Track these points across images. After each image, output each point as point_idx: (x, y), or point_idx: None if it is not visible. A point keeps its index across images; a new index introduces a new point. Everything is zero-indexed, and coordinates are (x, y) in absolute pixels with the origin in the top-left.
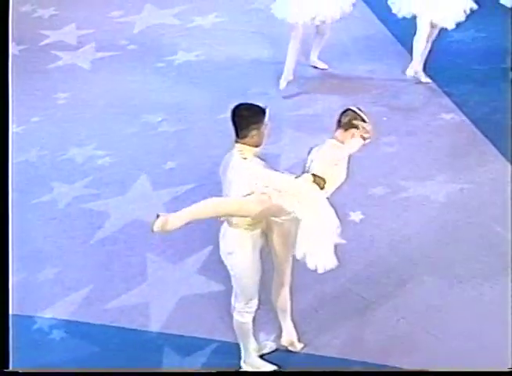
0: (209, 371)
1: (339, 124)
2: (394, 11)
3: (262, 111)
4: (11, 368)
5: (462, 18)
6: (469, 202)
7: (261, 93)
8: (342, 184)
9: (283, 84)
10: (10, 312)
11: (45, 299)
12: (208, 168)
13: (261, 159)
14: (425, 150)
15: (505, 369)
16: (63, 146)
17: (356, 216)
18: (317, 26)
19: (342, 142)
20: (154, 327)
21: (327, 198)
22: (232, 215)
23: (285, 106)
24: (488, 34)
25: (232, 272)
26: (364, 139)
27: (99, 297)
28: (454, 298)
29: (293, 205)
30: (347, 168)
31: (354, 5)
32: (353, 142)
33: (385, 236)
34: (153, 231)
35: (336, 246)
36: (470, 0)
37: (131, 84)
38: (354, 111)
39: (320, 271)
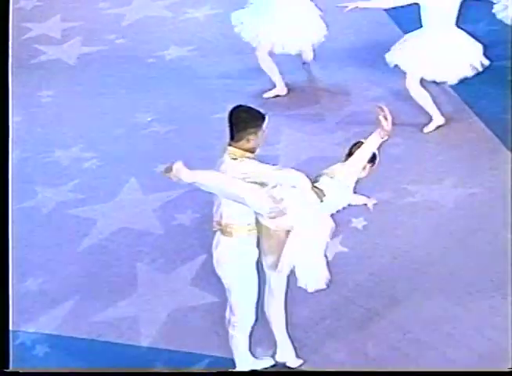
0: (209, 371)
1: None
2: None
3: (262, 116)
4: (11, 368)
5: (468, 73)
6: (479, 207)
7: (260, 92)
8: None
9: (267, 94)
10: (10, 311)
11: (28, 312)
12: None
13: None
14: (433, 151)
15: (505, 369)
16: (47, 148)
17: (359, 223)
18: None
19: None
20: (144, 341)
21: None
22: (235, 200)
23: (284, 104)
24: (500, 27)
25: (225, 284)
26: (381, 137)
27: (86, 309)
28: (463, 310)
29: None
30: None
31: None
32: (372, 138)
33: (390, 245)
34: (165, 172)
35: (337, 254)
36: (479, 54)
37: (119, 81)
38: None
39: (310, 290)
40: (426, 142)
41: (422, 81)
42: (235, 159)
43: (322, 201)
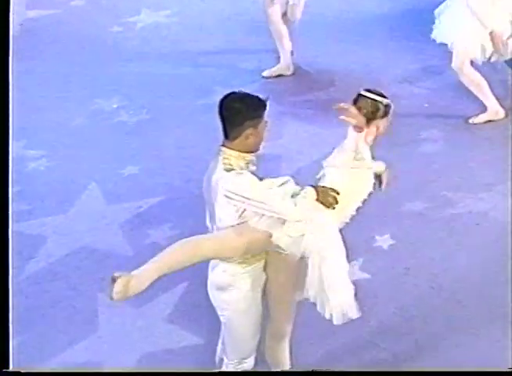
0: (209, 371)
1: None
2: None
3: (261, 104)
4: (11, 368)
5: None
6: None
7: (255, 70)
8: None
9: (266, 73)
10: (10, 311)
11: None
12: (182, 173)
13: (253, 165)
14: (480, 150)
15: (505, 369)
16: None
17: (384, 241)
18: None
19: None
20: None
21: (349, 219)
22: (213, 258)
23: (288, 87)
24: None
25: (222, 317)
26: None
27: (33, 354)
28: None
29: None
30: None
31: None
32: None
33: (424, 269)
34: (112, 299)
35: (356, 282)
36: None
37: (75, 56)
38: (374, 99)
39: (337, 322)
40: (472, 138)
41: (473, 63)
42: (229, 170)
43: (333, 208)
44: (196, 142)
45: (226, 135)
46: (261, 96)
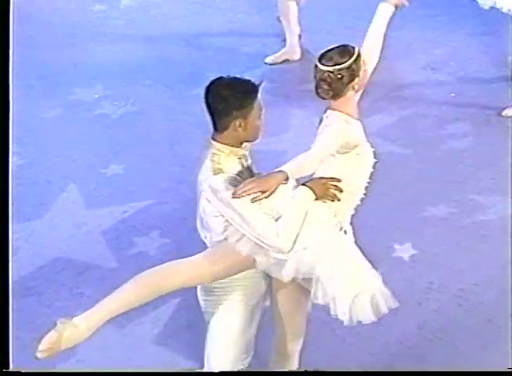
0: (209, 371)
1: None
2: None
3: (251, 90)
4: (12, 368)
5: None
6: None
7: (258, 55)
8: (382, 201)
9: (270, 59)
10: (10, 311)
11: None
12: (173, 174)
13: (246, 160)
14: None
15: (505, 369)
16: None
17: (404, 251)
18: None
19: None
20: None
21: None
22: (186, 287)
23: (295, 75)
24: None
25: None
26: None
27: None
28: None
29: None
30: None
31: None
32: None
33: (450, 283)
34: (37, 358)
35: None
36: None
37: (51, 39)
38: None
39: (348, 322)
40: (505, 133)
41: None
42: (217, 173)
43: (338, 199)
44: (190, 137)
45: (215, 127)
46: (253, 81)
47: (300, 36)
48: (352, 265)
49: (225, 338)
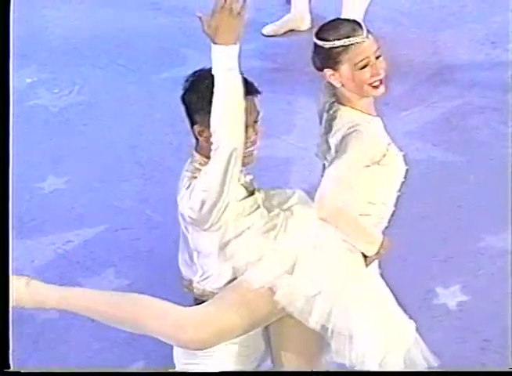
0: (208, 371)
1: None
2: None
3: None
4: (12, 368)
5: None
6: None
7: (252, 24)
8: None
9: (268, 29)
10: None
11: None
12: (136, 188)
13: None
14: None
15: (505, 369)
16: None
17: (450, 297)
18: None
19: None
20: None
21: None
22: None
23: (302, 60)
24: None
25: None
26: None
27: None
28: None
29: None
30: None
31: None
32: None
33: None
34: None
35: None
36: None
37: None
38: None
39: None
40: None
41: None
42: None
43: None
44: (158, 139)
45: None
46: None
47: None
48: (383, 313)
49: None
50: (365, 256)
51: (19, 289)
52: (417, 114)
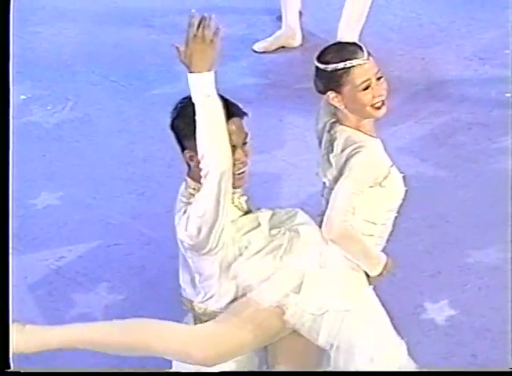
0: (208, 371)
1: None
2: None
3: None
4: (12, 368)
5: None
6: None
7: (243, 39)
8: (408, 242)
9: (260, 45)
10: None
11: None
12: (127, 205)
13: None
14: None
15: (505, 369)
16: None
17: (439, 312)
18: None
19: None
20: None
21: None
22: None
23: (292, 76)
24: None
25: None
26: None
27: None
28: None
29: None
30: None
31: None
32: None
33: (499, 355)
34: None
35: None
36: None
37: None
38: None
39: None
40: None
41: None
42: (184, 212)
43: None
44: (150, 154)
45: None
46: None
47: (301, 13)
48: (382, 331)
49: None
50: (367, 274)
51: (15, 337)
52: (406, 130)
